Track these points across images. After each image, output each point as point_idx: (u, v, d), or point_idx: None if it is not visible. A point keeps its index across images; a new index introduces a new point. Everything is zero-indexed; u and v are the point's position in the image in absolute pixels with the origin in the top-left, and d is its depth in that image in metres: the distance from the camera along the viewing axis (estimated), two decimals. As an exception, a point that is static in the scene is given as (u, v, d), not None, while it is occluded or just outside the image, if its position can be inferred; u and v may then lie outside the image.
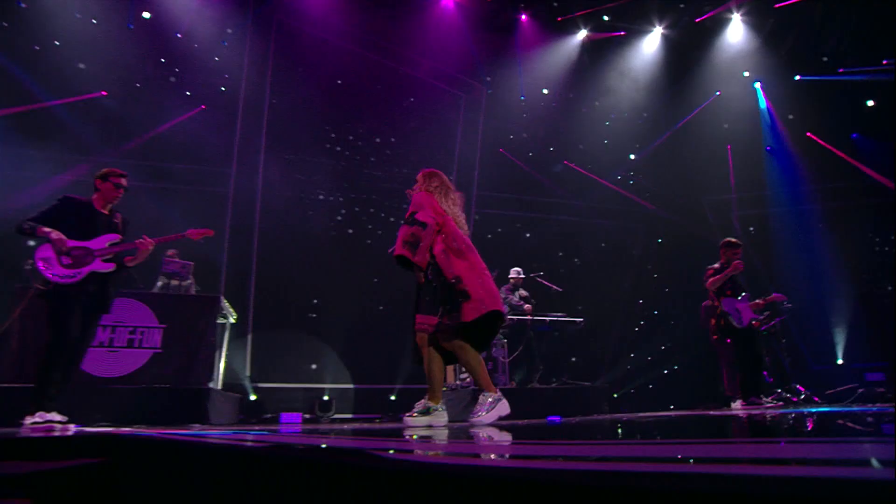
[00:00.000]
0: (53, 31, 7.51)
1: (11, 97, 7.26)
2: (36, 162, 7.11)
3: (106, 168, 3.62)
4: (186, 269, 5.63)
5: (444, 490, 0.67)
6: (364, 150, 8.79)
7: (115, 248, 3.51)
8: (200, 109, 8.32)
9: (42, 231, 3.33)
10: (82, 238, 3.43)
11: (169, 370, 4.71)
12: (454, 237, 3.06)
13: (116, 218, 3.63)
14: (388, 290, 7.78)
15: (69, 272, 3.37)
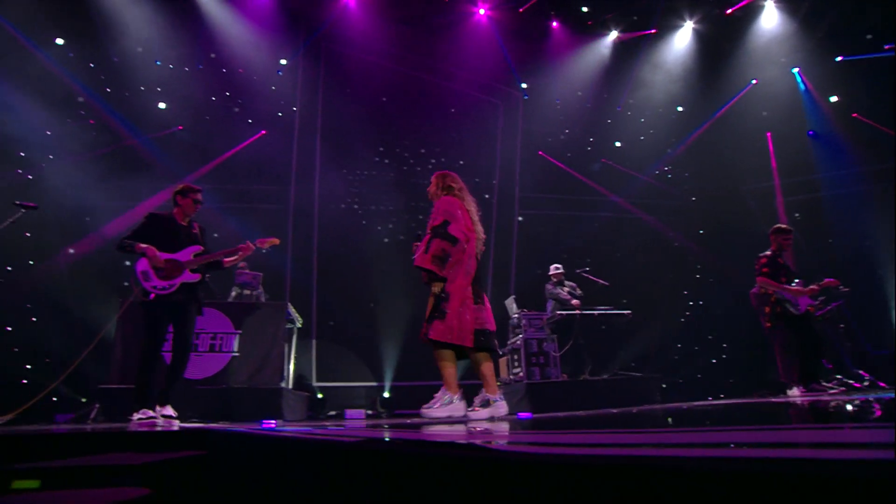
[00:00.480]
0: (139, 78, 8.06)
1: (109, 137, 7.88)
2: (128, 191, 7.62)
3: (183, 185, 3.82)
4: (256, 279, 5.84)
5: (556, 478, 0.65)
6: (410, 160, 8.89)
7: (200, 259, 3.69)
8: (262, 135, 8.67)
9: (139, 247, 3.54)
10: (169, 250, 3.63)
11: (246, 372, 4.88)
12: (470, 257, 3.04)
13: (195, 228, 3.82)
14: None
15: (164, 283, 3.57)
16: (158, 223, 3.67)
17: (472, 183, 9.01)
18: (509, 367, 6.24)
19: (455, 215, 3.05)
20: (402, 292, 7.90)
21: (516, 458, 0.81)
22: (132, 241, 3.58)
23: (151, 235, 3.61)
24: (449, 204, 3.11)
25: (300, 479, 1.17)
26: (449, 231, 2.98)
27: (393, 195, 8.63)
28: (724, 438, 1.02)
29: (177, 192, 3.77)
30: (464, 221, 3.07)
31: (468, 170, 8.92)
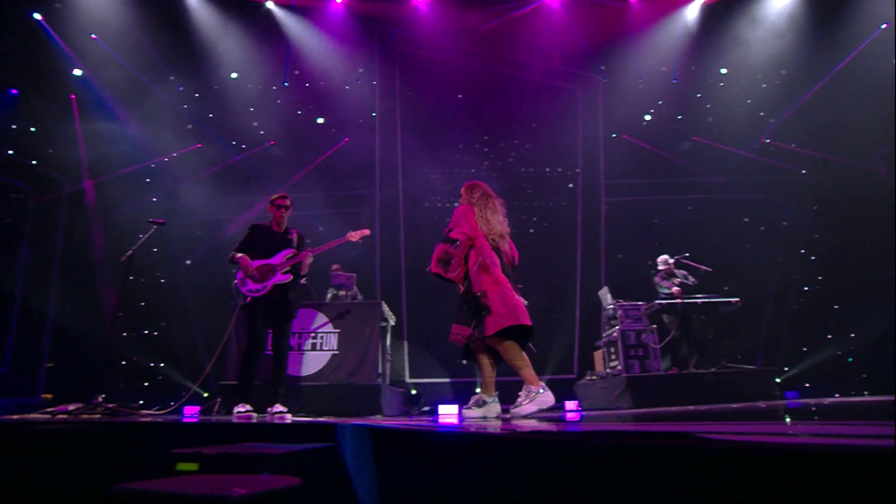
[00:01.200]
0: (236, 101, 8.80)
1: (214, 158, 8.68)
2: (230, 205, 8.36)
3: (273, 195, 4.17)
4: (350, 280, 6.12)
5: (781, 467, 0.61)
6: (491, 156, 8.86)
7: (292, 261, 3.99)
8: (345, 142, 9.09)
9: (236, 257, 3.94)
10: (267, 256, 3.97)
11: (345, 369, 5.12)
12: (481, 252, 3.08)
13: (291, 234, 4.11)
14: (532, 287, 7.73)
15: (258, 286, 3.92)
16: (258, 232, 4.05)
17: (556, 173, 8.77)
18: (605, 360, 6.01)
19: (458, 221, 3.17)
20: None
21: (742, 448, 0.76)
22: (234, 252, 3.98)
23: (252, 244, 3.99)
24: (457, 213, 3.24)
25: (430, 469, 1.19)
26: (450, 236, 3.12)
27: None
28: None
29: (269, 202, 4.13)
30: (467, 223, 3.15)
31: (549, 160, 8.71)
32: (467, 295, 3.09)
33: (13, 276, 8.04)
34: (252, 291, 3.91)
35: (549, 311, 7.92)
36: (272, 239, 4.04)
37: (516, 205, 8.60)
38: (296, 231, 4.17)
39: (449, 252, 3.07)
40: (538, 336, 7.61)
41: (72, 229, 8.54)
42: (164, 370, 8.40)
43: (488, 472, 1.18)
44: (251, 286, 3.92)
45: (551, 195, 8.74)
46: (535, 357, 7.85)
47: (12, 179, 8.12)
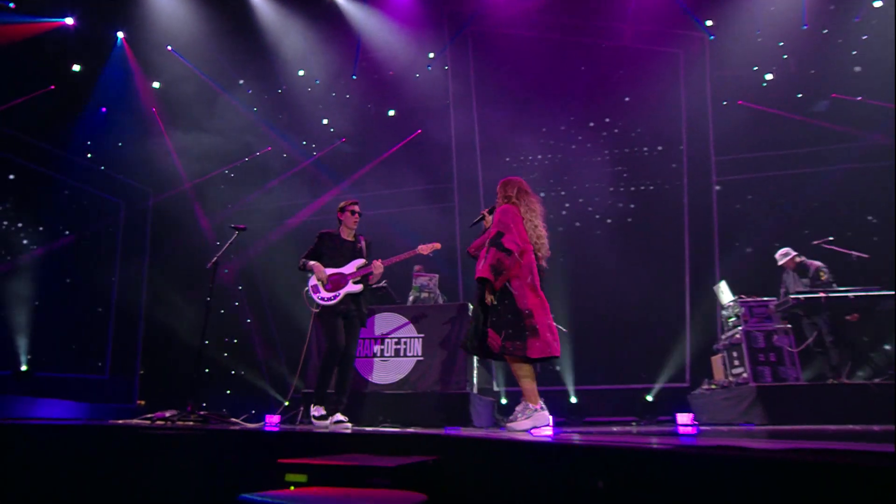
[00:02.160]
0: (304, 99, 9.26)
1: (283, 160, 9.22)
2: (301, 208, 8.83)
3: (343, 201, 4.40)
4: (433, 281, 6.17)
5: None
6: (579, 137, 8.56)
7: (362, 271, 4.26)
8: (417, 133, 9.22)
9: (308, 265, 4.23)
10: (336, 265, 4.26)
11: (431, 376, 5.15)
12: (531, 270, 3.28)
13: (360, 242, 4.37)
14: (633, 283, 7.42)
15: (330, 295, 4.20)
16: (327, 241, 4.32)
17: (655, 152, 8.28)
18: (726, 366, 5.56)
19: (508, 225, 3.31)
20: (579, 286, 7.65)
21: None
22: (305, 260, 4.26)
23: (321, 252, 4.27)
24: (503, 213, 3.38)
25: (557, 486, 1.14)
26: (503, 243, 3.24)
27: (563, 179, 8.42)
28: None
29: (337, 209, 4.38)
30: (517, 231, 3.32)
31: (648, 137, 8.24)
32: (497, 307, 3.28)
33: (109, 287, 9.05)
34: (324, 300, 4.19)
35: (654, 311, 7.50)
36: (342, 247, 4.31)
37: (611, 191, 8.24)
38: (363, 238, 4.41)
39: (502, 262, 3.22)
40: (640, 338, 7.30)
41: (159, 239, 9.46)
42: (246, 377, 9.03)
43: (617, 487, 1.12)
44: (323, 294, 4.21)
45: (652, 178, 8.25)
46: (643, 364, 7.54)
47: (105, 193, 9.13)
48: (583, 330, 7.60)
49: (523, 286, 3.27)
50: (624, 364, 7.42)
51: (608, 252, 7.74)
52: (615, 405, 7.32)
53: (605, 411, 7.26)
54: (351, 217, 4.32)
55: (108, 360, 8.88)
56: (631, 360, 7.38)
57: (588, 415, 7.03)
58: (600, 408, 7.36)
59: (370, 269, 4.24)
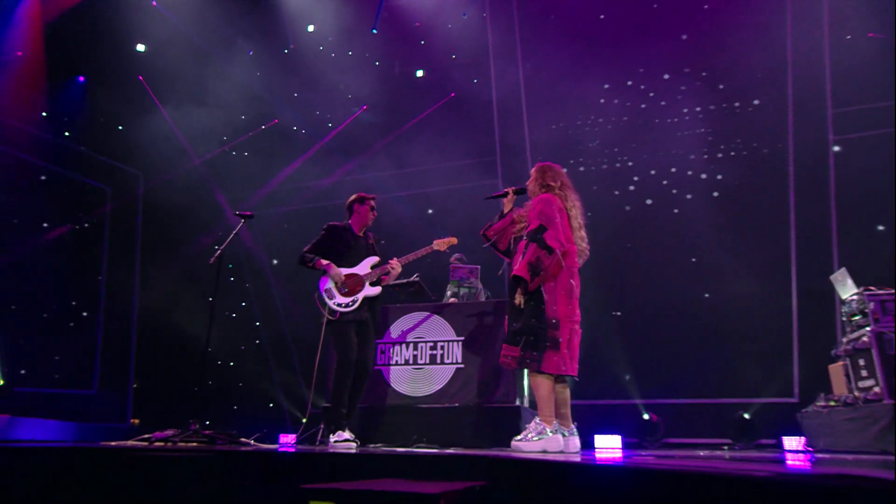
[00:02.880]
0: (315, 60, 9.36)
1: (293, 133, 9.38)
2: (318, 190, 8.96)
3: (359, 193, 4.59)
4: (474, 273, 6.16)
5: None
6: (650, 93, 8.34)
7: (377, 271, 4.46)
8: (450, 97, 9.19)
9: (320, 264, 4.33)
10: (348, 263, 4.43)
11: (474, 386, 5.16)
12: (571, 274, 3.49)
13: (370, 239, 4.64)
14: (719, 274, 7.24)
15: (348, 300, 4.37)
16: (338, 235, 4.47)
17: (750, 108, 7.97)
18: (850, 378, 5.35)
19: (552, 219, 3.47)
20: (652, 277, 7.52)
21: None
22: (313, 255, 4.37)
23: (330, 248, 4.42)
24: (546, 204, 3.52)
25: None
26: (546, 240, 3.40)
27: (631, 145, 8.24)
28: None
29: (353, 200, 4.57)
30: (562, 227, 3.48)
31: (738, 90, 7.93)
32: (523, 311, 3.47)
33: (96, 287, 9.39)
34: (342, 306, 4.36)
35: (751, 307, 7.28)
36: (354, 244, 4.50)
37: (692, 159, 7.99)
38: (372, 235, 4.70)
39: (542, 260, 3.37)
40: (734, 341, 7.10)
41: (153, 231, 9.75)
42: (256, 391, 9.27)
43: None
44: (340, 299, 4.37)
45: (746, 140, 7.93)
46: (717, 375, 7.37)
47: (87, 178, 9.43)
48: (657, 330, 7.46)
49: (557, 291, 3.45)
50: (712, 373, 7.23)
51: (690, 235, 7.56)
52: (701, 425, 7.17)
53: (689, 432, 7.12)
54: (370, 213, 4.57)
55: (97, 372, 9.22)
56: (722, 369, 7.18)
57: (667, 436, 6.90)
58: (682, 428, 7.23)
59: (386, 269, 4.43)
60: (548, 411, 3.44)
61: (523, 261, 3.41)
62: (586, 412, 7.29)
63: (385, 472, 2.03)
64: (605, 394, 7.46)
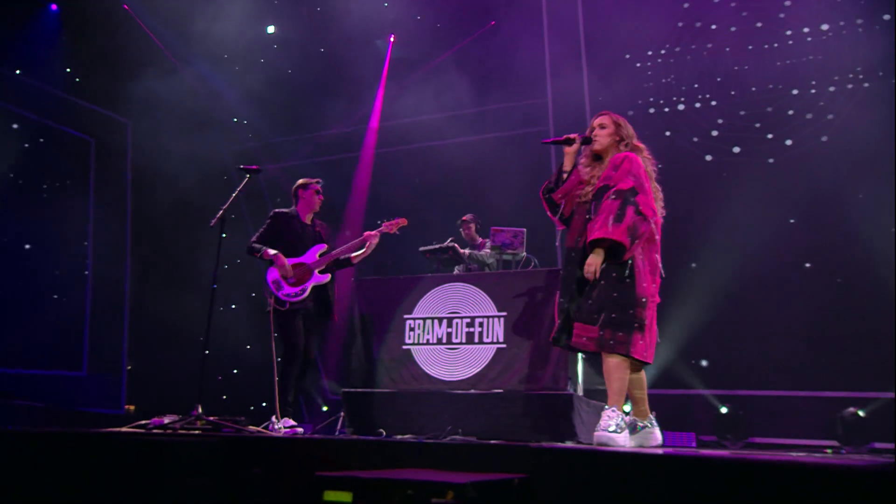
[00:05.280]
0: None
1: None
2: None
3: (303, 178, 5.23)
4: (518, 237, 6.21)
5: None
6: (741, 12, 8.09)
7: (326, 258, 5.09)
8: (490, 26, 9.12)
9: (267, 254, 4.92)
10: (296, 253, 5.04)
11: (518, 370, 5.22)
12: (657, 247, 3.66)
13: (318, 226, 5.26)
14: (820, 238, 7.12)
15: (296, 290, 4.97)
16: (285, 224, 5.11)
17: (878, 25, 7.59)
18: None
19: (643, 183, 3.58)
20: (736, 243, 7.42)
21: None
22: (261, 245, 4.97)
23: (277, 237, 5.05)
24: (634, 164, 3.61)
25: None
26: (640, 204, 3.51)
27: (713, 80, 8.07)
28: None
29: (297, 186, 5.21)
30: (651, 195, 3.62)
31: (865, 2, 7.58)
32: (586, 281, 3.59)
33: (82, 254, 9.67)
34: (290, 296, 4.95)
35: (863, 275, 7.11)
36: (302, 233, 5.14)
37: (794, 95, 7.73)
38: (319, 222, 5.32)
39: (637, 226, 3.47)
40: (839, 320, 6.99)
41: (144, 189, 9.95)
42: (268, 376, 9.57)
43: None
44: (288, 290, 4.97)
45: (866, 68, 7.59)
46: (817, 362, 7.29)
47: (67, 127, 9.62)
48: (743, 305, 7.38)
49: (646, 266, 3.59)
50: (811, 360, 7.12)
51: (787, 191, 7.41)
52: (798, 422, 7.10)
53: (781, 430, 7.09)
54: (315, 197, 5.19)
55: (86, 352, 9.54)
56: (823, 354, 7.06)
57: (752, 434, 6.90)
58: (772, 425, 7.20)
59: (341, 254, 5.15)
60: (622, 400, 3.60)
61: (621, 224, 3.43)
62: (652, 404, 7.33)
63: (411, 462, 2.12)
64: (674, 382, 7.47)
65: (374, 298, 5.62)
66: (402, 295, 5.54)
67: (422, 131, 9.22)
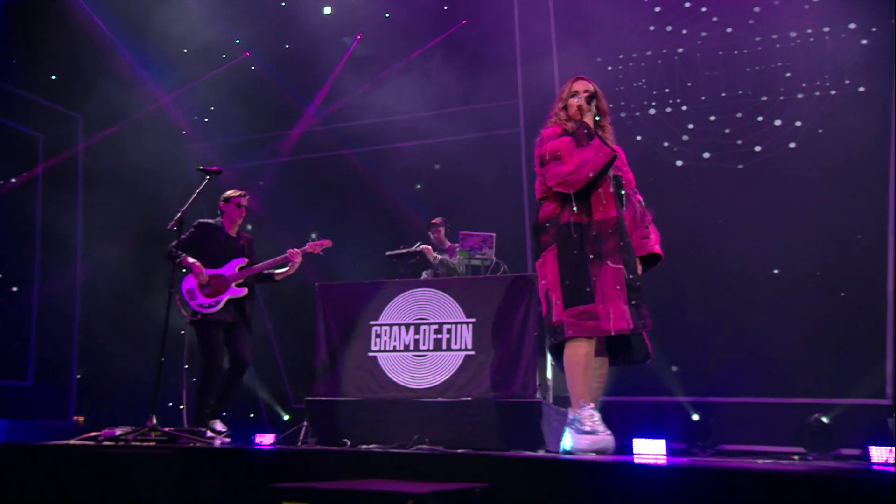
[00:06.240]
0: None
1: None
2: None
3: (228, 191, 5.43)
4: (488, 242, 6.21)
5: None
6: (710, 17, 8.25)
7: (245, 272, 5.28)
8: (461, 25, 9.16)
9: (186, 262, 5.07)
10: (217, 264, 5.23)
11: (486, 378, 5.24)
12: None
13: (242, 239, 5.48)
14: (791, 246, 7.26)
15: (210, 301, 5.14)
16: (207, 233, 5.30)
17: (845, 32, 7.80)
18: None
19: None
20: (707, 250, 7.54)
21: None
22: (178, 250, 5.05)
23: (199, 247, 5.22)
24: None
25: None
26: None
27: (684, 84, 8.19)
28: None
29: (222, 198, 5.42)
30: None
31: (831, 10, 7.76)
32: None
33: (28, 257, 9.45)
34: (203, 307, 5.14)
35: (831, 287, 7.29)
36: (224, 244, 5.35)
37: (762, 101, 7.91)
38: (245, 235, 5.57)
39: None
40: (809, 328, 7.14)
41: (96, 188, 9.75)
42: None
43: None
44: (202, 300, 5.14)
45: (833, 76, 7.81)
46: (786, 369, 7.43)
47: (14, 123, 9.39)
48: (713, 313, 7.49)
49: None
50: (781, 368, 7.28)
51: (757, 195, 7.57)
52: (766, 429, 7.26)
53: (750, 437, 7.23)
54: (236, 210, 5.39)
55: (31, 360, 9.31)
56: (792, 362, 7.21)
57: (722, 441, 7.01)
58: (742, 432, 7.33)
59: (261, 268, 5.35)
60: None
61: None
62: (623, 410, 7.41)
63: (373, 472, 2.13)
64: (645, 389, 7.55)
65: (339, 304, 5.57)
66: (368, 300, 5.48)
67: (390, 132, 9.21)
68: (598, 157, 3.42)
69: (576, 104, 3.63)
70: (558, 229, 3.57)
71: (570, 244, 3.52)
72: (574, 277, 3.46)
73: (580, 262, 3.47)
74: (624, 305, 3.40)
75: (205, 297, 5.14)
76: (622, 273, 3.48)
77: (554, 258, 3.57)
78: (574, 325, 3.38)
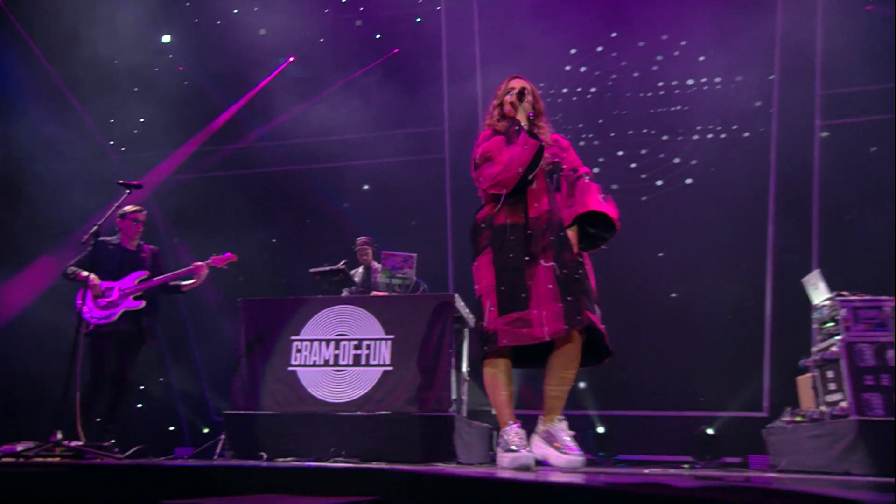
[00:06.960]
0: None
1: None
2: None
3: (125, 207, 5.17)
4: (409, 262, 6.17)
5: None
6: (621, 62, 8.50)
7: (143, 285, 5.12)
8: (393, 53, 9.16)
9: (80, 276, 4.91)
10: (113, 277, 5.10)
11: (403, 392, 5.20)
12: None
13: (144, 252, 5.33)
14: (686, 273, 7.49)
15: (105, 313, 4.99)
16: (105, 250, 5.14)
17: (733, 84, 8.19)
18: (818, 391, 5.63)
19: None
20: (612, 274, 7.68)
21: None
22: (75, 268, 5.00)
23: (94, 263, 4.99)
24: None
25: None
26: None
27: (597, 122, 8.38)
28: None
29: (118, 215, 5.20)
30: None
31: (722, 63, 8.13)
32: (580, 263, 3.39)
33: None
34: (98, 318, 4.97)
35: (720, 311, 7.57)
36: (121, 258, 5.21)
37: (664, 140, 8.21)
38: (149, 248, 5.39)
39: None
40: (699, 348, 7.37)
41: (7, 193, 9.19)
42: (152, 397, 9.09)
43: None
44: (97, 312, 4.98)
45: (725, 121, 8.20)
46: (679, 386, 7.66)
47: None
48: (615, 334, 7.62)
49: None
50: (674, 383, 7.50)
51: (657, 226, 7.80)
52: (661, 440, 7.45)
53: (646, 448, 7.40)
54: (133, 226, 5.25)
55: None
56: (684, 379, 7.46)
57: (621, 451, 7.13)
58: (638, 443, 7.49)
59: (162, 281, 5.18)
60: None
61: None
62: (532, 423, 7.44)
63: (266, 488, 2.05)
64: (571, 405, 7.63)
65: (260, 319, 5.43)
66: (289, 316, 5.38)
67: (321, 152, 9.11)
68: (524, 150, 3.18)
69: (508, 101, 3.44)
70: (493, 231, 3.28)
71: (506, 247, 3.23)
72: (509, 283, 3.19)
73: (517, 266, 3.20)
74: (558, 304, 3.11)
75: (100, 310, 4.98)
76: (553, 270, 3.19)
77: (489, 262, 3.25)
78: (508, 334, 3.13)
